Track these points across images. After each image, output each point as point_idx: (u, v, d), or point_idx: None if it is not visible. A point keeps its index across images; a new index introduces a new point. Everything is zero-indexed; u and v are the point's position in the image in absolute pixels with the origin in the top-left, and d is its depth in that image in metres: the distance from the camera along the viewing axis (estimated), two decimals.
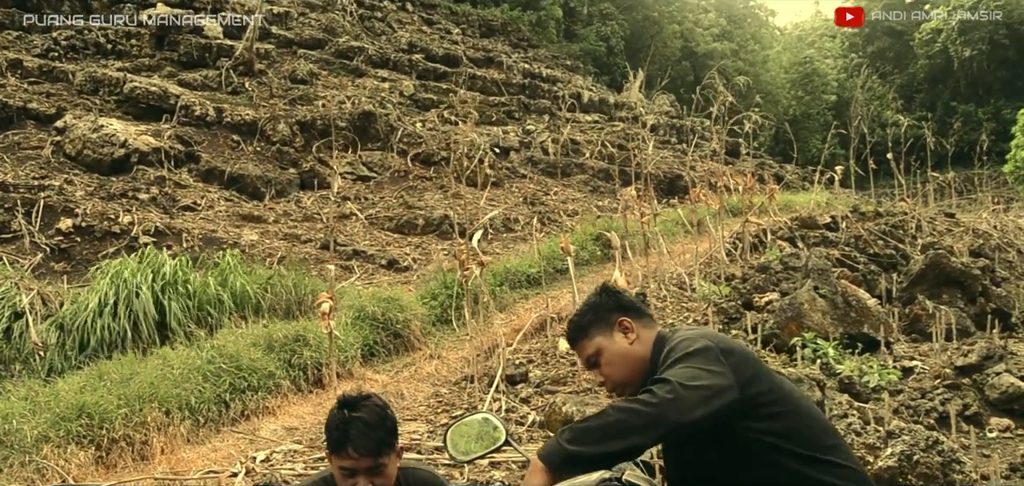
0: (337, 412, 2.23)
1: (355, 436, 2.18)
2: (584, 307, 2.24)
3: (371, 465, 2.21)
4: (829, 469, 1.93)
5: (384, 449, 2.22)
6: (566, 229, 12.36)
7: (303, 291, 8.32)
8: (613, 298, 2.19)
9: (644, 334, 2.13)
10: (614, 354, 2.12)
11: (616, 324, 2.14)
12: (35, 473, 4.97)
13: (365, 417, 2.20)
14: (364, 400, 2.27)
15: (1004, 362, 6.73)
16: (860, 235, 11.12)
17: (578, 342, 2.21)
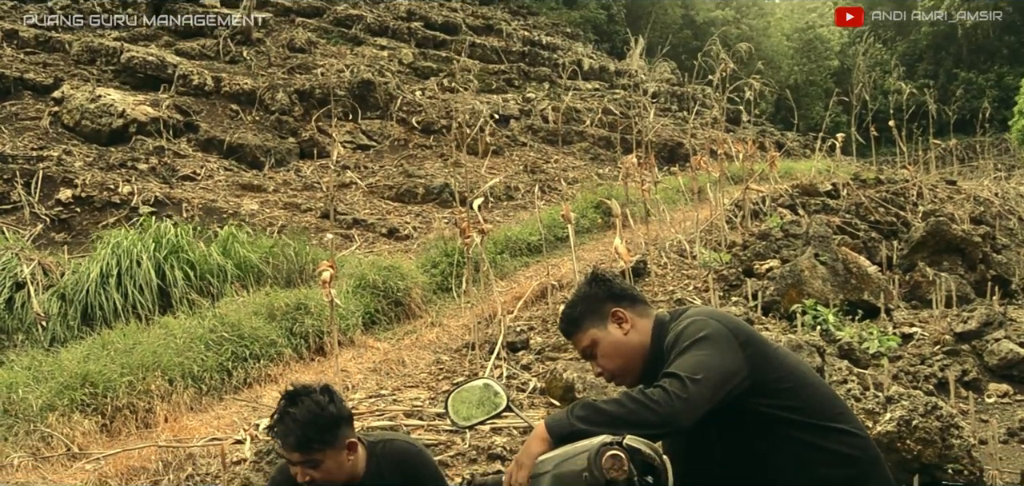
0: (279, 402, 2.27)
1: (283, 431, 2.21)
2: (575, 299, 2.19)
3: (300, 460, 2.23)
4: (838, 437, 1.93)
5: (313, 447, 2.23)
6: (567, 197, 12.35)
7: (304, 260, 8.33)
8: (604, 287, 2.15)
9: (640, 322, 2.11)
10: (609, 345, 2.09)
11: (610, 315, 2.10)
12: (40, 441, 5.01)
13: (297, 414, 2.21)
14: (307, 394, 2.28)
15: (1003, 328, 6.75)
16: (861, 202, 11.12)
17: (572, 335, 2.18)
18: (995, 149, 23.20)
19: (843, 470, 1.91)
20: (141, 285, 7.36)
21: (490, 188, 12.14)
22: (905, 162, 15.38)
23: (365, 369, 6.36)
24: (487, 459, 4.29)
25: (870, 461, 1.97)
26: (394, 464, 2.38)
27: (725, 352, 1.87)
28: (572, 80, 20.93)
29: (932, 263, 8.91)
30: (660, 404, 1.75)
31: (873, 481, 1.94)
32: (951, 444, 4.63)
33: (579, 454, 1.68)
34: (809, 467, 1.90)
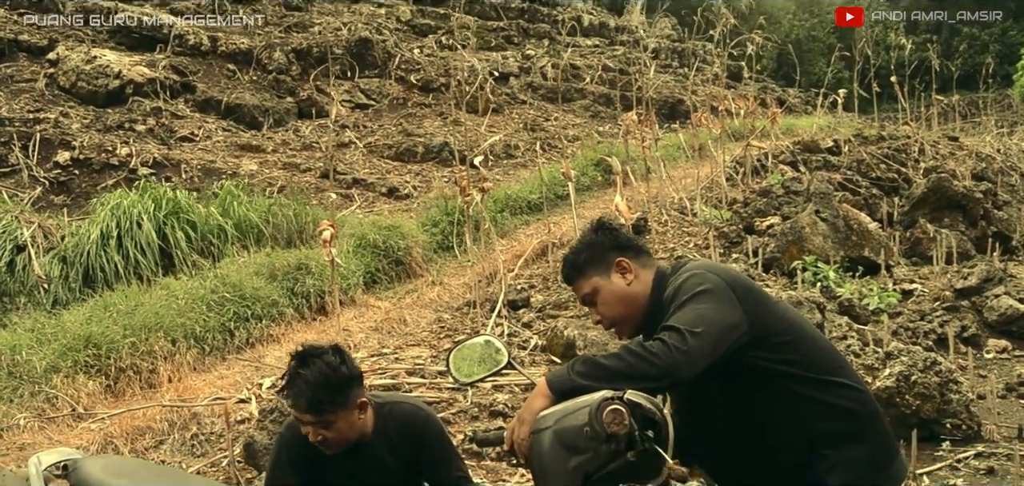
0: (289, 364, 2.26)
1: (295, 393, 2.21)
2: (580, 245, 2.19)
3: (312, 421, 2.24)
4: (837, 391, 1.94)
5: (325, 408, 2.24)
6: (567, 155, 12.29)
7: (304, 220, 8.32)
8: (610, 236, 2.14)
9: (643, 273, 2.10)
10: (611, 294, 2.09)
11: (614, 264, 2.10)
12: (45, 403, 5.05)
13: (309, 375, 2.22)
14: (318, 355, 2.27)
15: (1003, 285, 6.76)
16: (862, 159, 11.07)
17: (574, 281, 2.17)
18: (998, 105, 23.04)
19: (842, 423, 1.92)
20: (142, 246, 7.36)
21: (490, 146, 12.08)
22: (907, 118, 15.29)
23: (367, 328, 6.39)
24: (489, 416, 4.33)
25: (869, 415, 1.98)
26: (401, 426, 2.39)
27: (724, 305, 1.87)
28: (571, 37, 20.72)
29: (933, 220, 8.89)
30: (659, 357, 1.75)
31: (872, 435, 1.95)
32: (950, 399, 4.67)
33: (580, 409, 1.69)
34: (808, 420, 1.91)
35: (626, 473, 1.69)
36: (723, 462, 2.11)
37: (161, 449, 4.39)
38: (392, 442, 2.38)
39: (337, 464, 2.36)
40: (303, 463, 2.34)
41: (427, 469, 2.47)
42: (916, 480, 4.07)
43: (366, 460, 2.36)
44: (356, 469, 2.37)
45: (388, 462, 2.39)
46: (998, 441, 4.57)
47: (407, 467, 2.46)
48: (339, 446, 2.30)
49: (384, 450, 2.38)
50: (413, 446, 2.42)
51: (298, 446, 2.35)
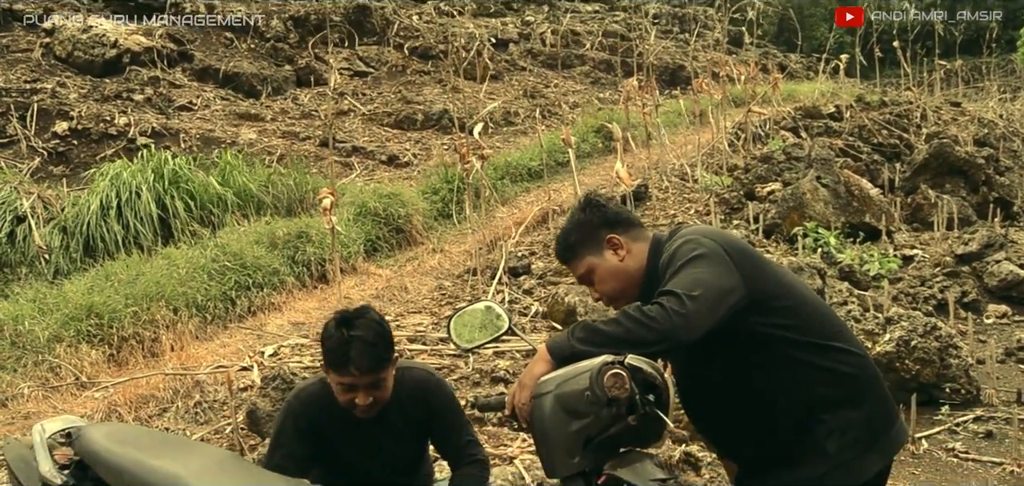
0: (336, 331, 2.21)
1: (356, 355, 2.17)
2: (570, 225, 2.17)
3: (371, 381, 2.22)
4: (835, 356, 1.94)
5: (383, 365, 2.23)
6: (567, 121, 12.23)
7: (304, 188, 8.31)
8: (598, 213, 2.12)
9: (635, 247, 2.09)
10: (606, 271, 2.08)
11: (605, 242, 2.08)
12: (49, 372, 5.07)
13: (364, 335, 2.19)
14: (361, 316, 2.24)
15: (1004, 250, 6.77)
16: (864, 125, 11.02)
17: (569, 262, 2.17)
18: (1001, 70, 22.86)
19: (840, 388, 1.92)
20: (142, 216, 7.35)
21: (489, 113, 12.02)
22: (909, 84, 15.18)
23: (368, 296, 6.40)
24: (490, 382, 4.35)
25: (868, 380, 1.98)
26: (413, 390, 2.37)
27: (720, 269, 1.86)
28: (571, 2, 20.52)
29: (934, 185, 8.87)
30: (658, 321, 1.75)
31: (870, 399, 1.95)
32: (949, 364, 4.69)
33: (581, 374, 1.69)
34: (805, 385, 1.91)
35: (627, 437, 1.70)
36: (721, 427, 2.12)
37: (165, 417, 4.41)
38: (404, 407, 2.36)
39: (347, 434, 2.34)
40: (311, 434, 2.31)
41: (438, 434, 2.47)
42: (915, 444, 4.10)
43: (379, 426, 2.34)
44: (368, 437, 2.35)
45: (400, 428, 2.39)
46: (997, 405, 4.59)
47: (417, 432, 2.46)
48: (379, 407, 2.27)
49: (397, 415, 2.36)
50: (425, 411, 2.41)
51: (307, 416, 2.31)
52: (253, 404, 3.88)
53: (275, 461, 2.28)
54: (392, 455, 2.40)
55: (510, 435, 3.65)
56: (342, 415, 2.31)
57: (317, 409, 2.32)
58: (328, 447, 2.34)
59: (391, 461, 2.40)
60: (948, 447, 4.14)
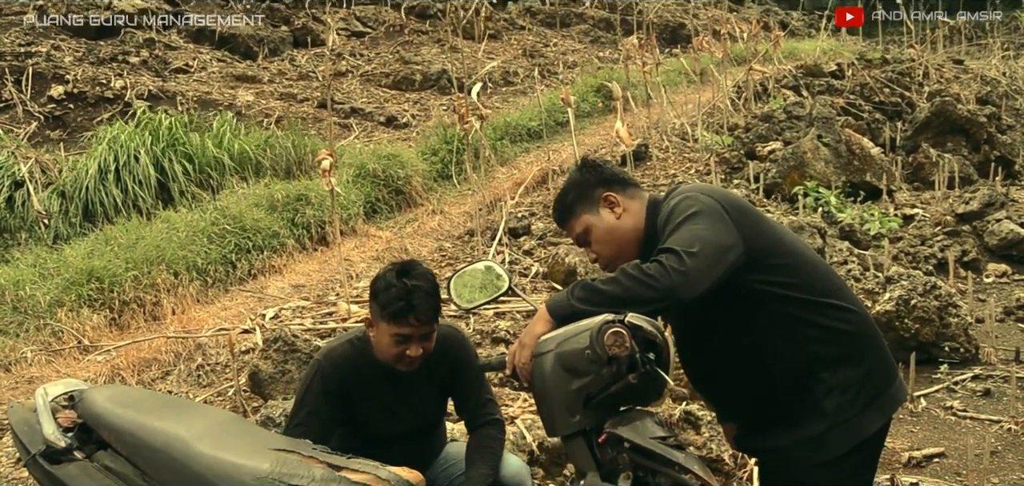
0: (397, 281, 2.19)
1: (418, 304, 2.17)
2: (566, 186, 2.15)
3: (428, 331, 2.23)
4: (834, 313, 1.93)
5: (438, 314, 2.24)
6: (566, 81, 12.15)
7: (302, 151, 8.27)
8: (595, 173, 2.11)
9: (632, 206, 2.07)
10: (603, 231, 2.06)
11: (601, 200, 2.06)
12: (51, 336, 5.09)
13: (424, 285, 2.19)
14: (415, 266, 2.25)
15: (1005, 209, 6.76)
16: (866, 83, 10.94)
17: (565, 223, 2.15)
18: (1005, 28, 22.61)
19: (839, 346, 1.91)
20: (140, 179, 7.33)
21: (488, 73, 11.93)
22: (912, 41, 15.04)
23: (368, 258, 6.40)
24: (491, 343, 4.37)
25: (867, 337, 1.97)
26: (439, 346, 2.35)
27: (719, 225, 1.84)
28: None
29: (936, 144, 8.83)
30: (657, 279, 1.74)
31: (870, 357, 1.95)
32: (948, 323, 4.71)
33: (581, 333, 1.69)
34: (804, 343, 1.91)
35: (627, 395, 1.70)
36: (720, 387, 2.13)
37: (167, 380, 4.44)
38: (430, 364, 2.35)
39: (373, 395, 2.33)
40: (338, 395, 2.30)
41: (459, 391, 2.47)
42: (914, 402, 4.13)
43: (405, 384, 2.34)
44: (393, 396, 2.35)
45: (425, 386, 2.39)
46: (995, 364, 4.62)
47: (441, 390, 2.47)
48: (420, 362, 2.27)
49: (423, 373, 2.35)
50: (450, 369, 2.41)
51: (337, 377, 2.30)
52: (255, 366, 3.89)
53: (299, 419, 2.27)
54: (416, 414, 2.41)
55: (511, 395, 3.67)
56: (370, 377, 2.31)
57: (347, 370, 2.31)
58: (353, 408, 2.34)
59: (414, 421, 2.41)
60: (946, 405, 4.17)
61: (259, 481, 1.82)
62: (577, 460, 1.78)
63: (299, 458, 1.89)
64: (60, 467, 1.97)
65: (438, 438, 2.61)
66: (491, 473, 2.33)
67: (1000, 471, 3.49)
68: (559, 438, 1.83)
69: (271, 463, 1.86)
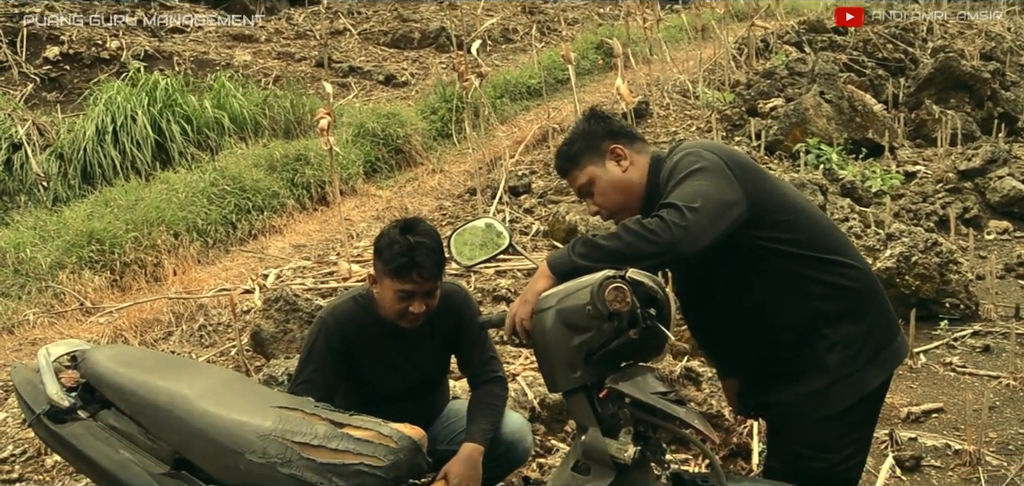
0: (400, 238, 2.19)
1: (422, 260, 2.17)
2: (572, 135, 2.12)
3: (432, 287, 2.23)
4: (838, 269, 1.92)
5: (442, 271, 2.24)
6: (567, 38, 12.03)
7: (301, 110, 8.23)
8: (603, 124, 2.08)
9: (638, 159, 2.04)
10: (607, 183, 2.04)
11: (608, 152, 2.04)
12: (53, 299, 5.10)
13: (427, 242, 2.19)
14: (419, 224, 2.25)
15: (1007, 166, 6.73)
16: (869, 39, 10.81)
17: (569, 172, 2.11)
18: None
19: (841, 302, 1.91)
20: (138, 141, 7.30)
21: (487, 31, 11.80)
22: None
23: (368, 217, 6.39)
24: (492, 301, 4.37)
25: (869, 293, 1.97)
26: (443, 303, 2.35)
27: (722, 182, 1.82)
28: None
29: (939, 100, 8.76)
30: (657, 234, 1.73)
31: (872, 313, 1.95)
32: (949, 279, 4.71)
33: (582, 288, 1.68)
34: (806, 300, 1.90)
35: (628, 350, 1.70)
36: (722, 343, 2.13)
37: (169, 341, 4.45)
38: (434, 321, 2.35)
39: (377, 352, 2.34)
40: (343, 351, 2.31)
41: (462, 348, 2.48)
42: (913, 358, 4.15)
43: (408, 341, 2.35)
44: (397, 353, 2.36)
45: (429, 343, 2.40)
46: (995, 320, 4.63)
47: (444, 347, 2.48)
48: (423, 318, 2.28)
49: (426, 329, 2.36)
50: (453, 326, 2.41)
51: (341, 333, 2.31)
52: (257, 326, 3.90)
53: (305, 376, 2.28)
54: (418, 370, 2.42)
55: (513, 352, 3.68)
56: (373, 333, 2.32)
57: (350, 327, 2.32)
58: (356, 366, 2.35)
59: (416, 377, 2.42)
60: (946, 361, 4.18)
61: (262, 438, 1.83)
62: (578, 416, 1.78)
63: (302, 415, 1.90)
64: (65, 426, 1.98)
65: (441, 395, 2.62)
66: (491, 428, 2.34)
67: (998, 426, 3.51)
68: (560, 394, 1.83)
69: (274, 420, 1.87)
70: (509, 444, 2.45)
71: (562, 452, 3.03)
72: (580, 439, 1.78)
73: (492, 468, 2.38)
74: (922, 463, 3.24)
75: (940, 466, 3.25)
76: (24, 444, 3.25)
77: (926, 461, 3.27)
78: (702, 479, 1.85)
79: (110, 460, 1.91)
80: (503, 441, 2.42)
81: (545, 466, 3.00)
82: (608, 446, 1.70)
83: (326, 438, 1.84)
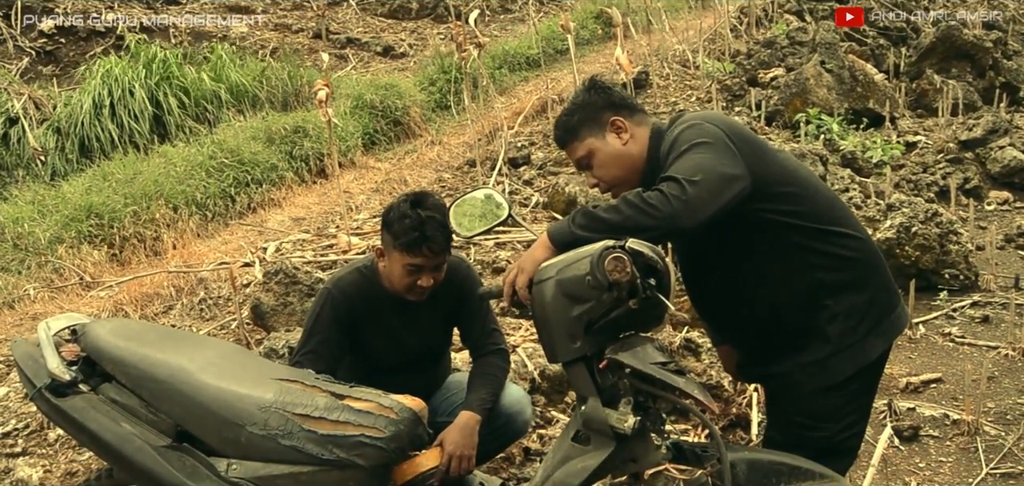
0: (411, 211, 2.19)
1: (432, 234, 2.18)
2: (572, 106, 2.10)
3: (440, 262, 2.24)
4: (839, 240, 1.92)
5: (450, 243, 2.24)
6: (565, 7, 11.92)
7: (299, 82, 8.18)
8: (603, 95, 2.05)
9: (638, 132, 2.02)
10: (607, 155, 2.02)
11: (608, 124, 2.01)
12: (53, 273, 5.10)
13: (436, 216, 2.19)
14: (428, 197, 2.25)
15: (1008, 136, 6.70)
16: (870, 8, 10.71)
17: (568, 144, 2.09)
18: None
19: (842, 273, 1.91)
20: (135, 114, 7.27)
21: (485, 0, 11.70)
22: None
23: (367, 190, 6.38)
24: (492, 273, 4.37)
25: (870, 264, 1.97)
26: (446, 277, 2.36)
27: (723, 155, 1.81)
28: None
29: (941, 70, 8.70)
30: (657, 207, 1.72)
31: (873, 283, 1.95)
32: (949, 250, 4.71)
33: (582, 259, 1.68)
34: (808, 271, 1.90)
35: (628, 321, 1.70)
36: (724, 314, 2.13)
37: (170, 314, 4.46)
38: (437, 294, 2.35)
39: (380, 323, 2.35)
40: (347, 322, 2.31)
41: (464, 320, 2.49)
42: (912, 329, 4.15)
43: (412, 313, 2.36)
44: (401, 324, 2.37)
45: (431, 315, 2.40)
46: (995, 291, 4.63)
47: (446, 319, 2.48)
48: (429, 292, 2.29)
49: (429, 303, 2.36)
50: (455, 298, 2.42)
51: (346, 304, 2.31)
52: (257, 299, 3.91)
53: (311, 346, 2.29)
54: (421, 342, 2.43)
55: (513, 324, 3.69)
56: (377, 305, 2.32)
57: (356, 298, 2.32)
58: (360, 337, 2.36)
59: (419, 349, 2.43)
60: (945, 332, 4.19)
61: (263, 410, 1.84)
62: (578, 386, 1.79)
63: (302, 387, 1.90)
64: (66, 400, 1.98)
65: (442, 367, 2.63)
66: (490, 398, 2.35)
67: (997, 396, 3.53)
68: (560, 364, 1.83)
69: (275, 393, 1.87)
70: (508, 416, 2.46)
71: (562, 423, 3.04)
72: (580, 410, 1.79)
73: (491, 440, 2.40)
74: (920, 433, 3.26)
75: (938, 436, 3.27)
76: (26, 418, 3.27)
77: (924, 431, 3.28)
78: (701, 449, 1.86)
79: (112, 433, 1.92)
80: (502, 413, 2.43)
81: (545, 437, 3.01)
82: (608, 416, 1.71)
83: (327, 410, 1.85)
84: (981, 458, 3.07)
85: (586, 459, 1.75)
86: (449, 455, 2.17)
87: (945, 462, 3.11)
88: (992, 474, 3.00)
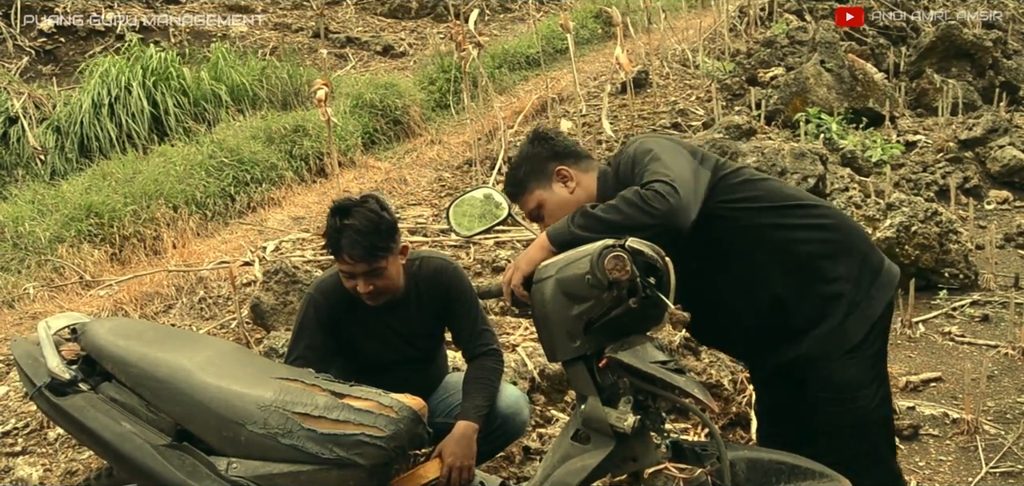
0: (331, 219, 2.21)
1: (346, 243, 2.17)
2: (518, 159, 2.14)
3: (366, 270, 2.22)
4: (809, 212, 1.97)
5: (378, 254, 2.21)
6: (565, 7, 11.92)
7: (298, 82, 8.18)
8: (547, 146, 2.10)
9: (584, 178, 2.07)
10: (555, 205, 2.06)
11: (554, 174, 2.06)
12: (53, 272, 5.09)
13: (357, 224, 2.18)
14: (359, 204, 2.23)
15: (1008, 135, 6.70)
16: (870, 7, 10.72)
17: (518, 198, 2.13)
18: None
19: (825, 242, 1.94)
20: (134, 113, 7.26)
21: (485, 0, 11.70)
22: None
23: (367, 189, 6.37)
24: (491, 272, 4.37)
25: (847, 225, 2.03)
26: (431, 279, 2.38)
27: (679, 157, 1.89)
28: None
29: (940, 69, 8.71)
30: (655, 205, 1.75)
31: (856, 242, 1.98)
32: (949, 249, 4.71)
33: (582, 258, 1.69)
34: (792, 246, 1.93)
35: (628, 320, 1.70)
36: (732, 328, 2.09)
37: (170, 314, 4.45)
38: (422, 296, 2.37)
39: (365, 324, 2.36)
40: (331, 324, 2.34)
41: (454, 322, 2.49)
42: (912, 328, 4.16)
43: (396, 315, 2.36)
44: (385, 326, 2.37)
45: (417, 317, 2.40)
46: (994, 290, 4.64)
47: (434, 321, 2.48)
48: (385, 295, 2.29)
49: (414, 304, 2.38)
50: (442, 300, 2.42)
51: (328, 306, 2.33)
52: (257, 298, 3.90)
53: (298, 352, 2.30)
54: (408, 344, 2.43)
55: (512, 323, 3.69)
56: (359, 306, 2.33)
57: (337, 299, 2.33)
58: (347, 338, 2.37)
59: (406, 350, 2.43)
60: (945, 331, 4.20)
61: (263, 409, 1.84)
62: (578, 385, 1.79)
63: (302, 386, 1.90)
64: (66, 399, 1.98)
65: (437, 368, 2.63)
66: (485, 404, 2.35)
67: (996, 395, 3.53)
68: (560, 364, 1.84)
69: (275, 392, 1.87)
70: (505, 417, 2.45)
71: (562, 422, 3.04)
72: (580, 409, 1.79)
73: (489, 442, 2.40)
74: (920, 432, 3.27)
75: (938, 435, 3.27)
76: (26, 417, 3.27)
77: (924, 430, 3.29)
78: (701, 448, 1.86)
79: (112, 432, 1.92)
80: (499, 414, 2.42)
81: (545, 436, 3.01)
82: (608, 415, 1.71)
83: (327, 408, 1.85)
84: (981, 457, 3.07)
85: (586, 458, 1.75)
86: (449, 467, 2.17)
87: (945, 461, 3.11)
88: (992, 473, 3.00)
